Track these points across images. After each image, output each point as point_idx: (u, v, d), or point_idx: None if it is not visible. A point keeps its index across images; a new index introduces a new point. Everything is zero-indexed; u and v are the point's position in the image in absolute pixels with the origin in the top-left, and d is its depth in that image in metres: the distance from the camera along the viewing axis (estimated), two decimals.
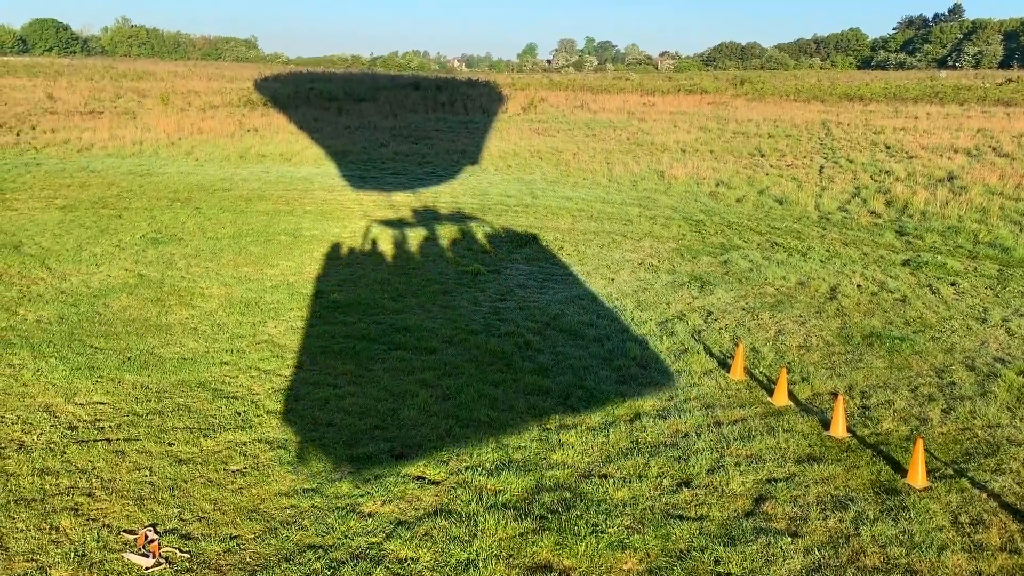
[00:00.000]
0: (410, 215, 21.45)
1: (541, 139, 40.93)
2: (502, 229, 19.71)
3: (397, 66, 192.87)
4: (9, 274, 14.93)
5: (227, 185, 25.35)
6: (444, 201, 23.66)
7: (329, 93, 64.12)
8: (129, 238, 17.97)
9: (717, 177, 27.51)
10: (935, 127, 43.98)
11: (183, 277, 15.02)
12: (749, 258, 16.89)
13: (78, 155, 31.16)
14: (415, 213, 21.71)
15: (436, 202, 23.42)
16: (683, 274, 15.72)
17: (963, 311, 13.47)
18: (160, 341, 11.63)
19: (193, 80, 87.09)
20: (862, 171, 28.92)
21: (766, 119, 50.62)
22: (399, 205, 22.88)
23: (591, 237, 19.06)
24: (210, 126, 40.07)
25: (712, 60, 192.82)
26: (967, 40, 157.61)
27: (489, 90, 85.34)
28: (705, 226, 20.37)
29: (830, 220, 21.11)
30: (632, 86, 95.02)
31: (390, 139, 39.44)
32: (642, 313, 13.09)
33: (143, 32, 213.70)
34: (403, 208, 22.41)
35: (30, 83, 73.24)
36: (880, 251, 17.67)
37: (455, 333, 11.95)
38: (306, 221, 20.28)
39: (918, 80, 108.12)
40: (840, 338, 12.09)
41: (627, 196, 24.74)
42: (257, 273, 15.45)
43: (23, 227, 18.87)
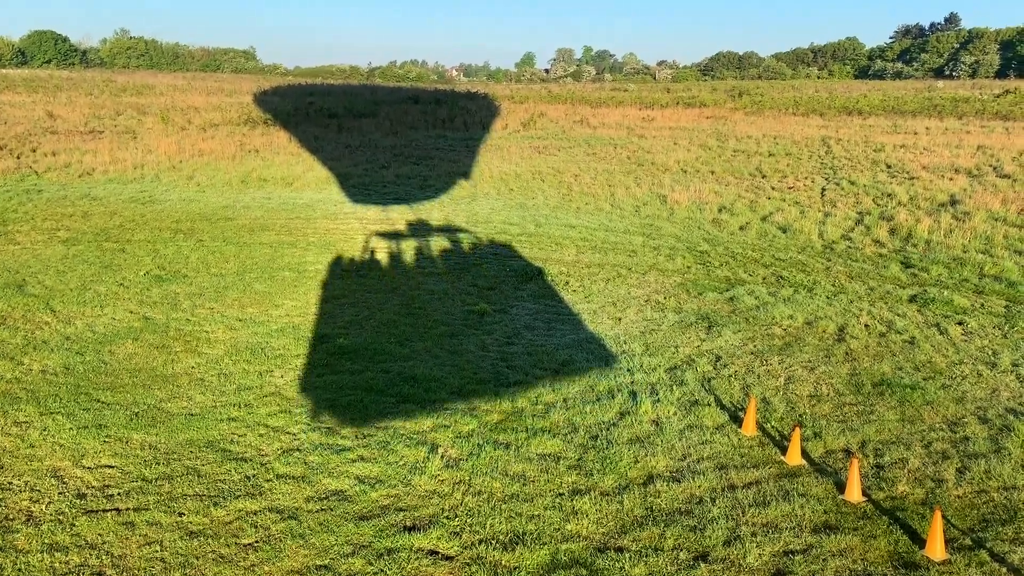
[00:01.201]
0: (413, 246, 21.40)
1: (542, 158, 40.94)
2: (506, 261, 19.66)
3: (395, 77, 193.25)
4: (13, 317, 14.86)
5: (229, 213, 25.29)
6: (448, 229, 23.61)
7: (329, 109, 64.15)
8: (133, 275, 17.90)
9: (719, 202, 27.49)
10: (935, 144, 44.03)
11: (188, 320, 14.95)
12: (755, 294, 16.84)
13: (79, 180, 31.12)
14: (418, 243, 21.66)
15: (439, 230, 23.37)
16: (690, 313, 15.67)
17: (972, 354, 13.42)
18: (167, 394, 11.56)
19: (192, 95, 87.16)
20: (864, 194, 28.93)
21: (766, 135, 50.66)
22: (401, 235, 22.83)
23: (596, 271, 19.01)
24: (211, 147, 40.04)
25: (709, 70, 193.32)
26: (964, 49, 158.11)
27: (488, 103, 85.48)
28: (709, 257, 20.32)
29: (834, 250, 21.07)
30: (631, 98, 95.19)
31: (391, 159, 39.44)
32: (651, 359, 13.03)
33: (142, 44, 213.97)
34: (405, 238, 22.35)
35: (29, 99, 73.29)
36: (886, 285, 17.63)
37: (464, 383, 11.88)
38: (310, 254, 20.22)
39: (916, 91, 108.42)
40: (850, 386, 12.03)
41: (630, 223, 24.70)
42: (262, 314, 15.39)
43: (26, 263, 18.79)
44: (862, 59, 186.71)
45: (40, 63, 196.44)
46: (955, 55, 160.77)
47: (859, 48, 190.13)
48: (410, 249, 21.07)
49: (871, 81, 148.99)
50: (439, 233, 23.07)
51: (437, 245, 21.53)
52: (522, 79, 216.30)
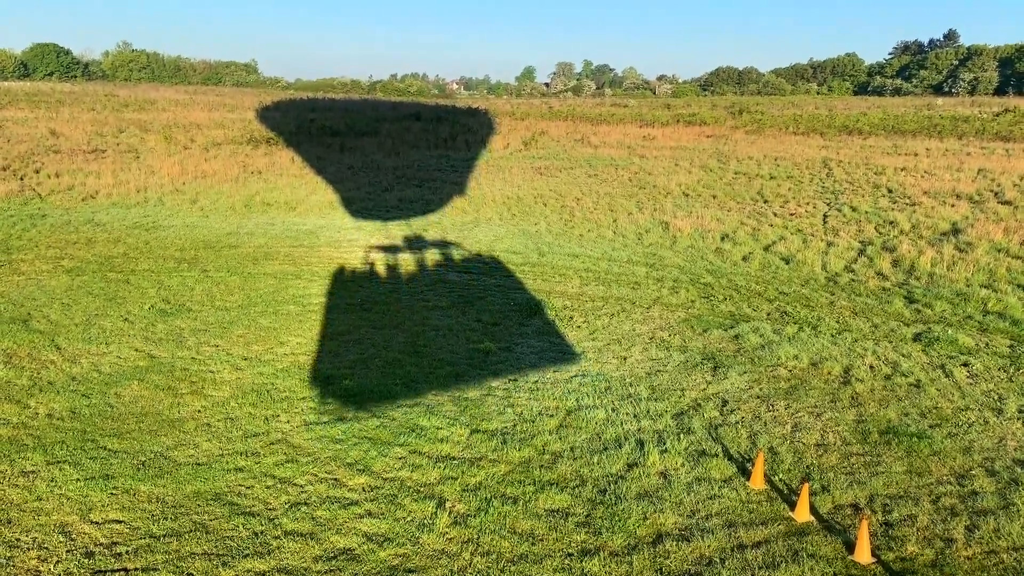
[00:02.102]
0: (416, 276, 21.43)
1: (543, 180, 41.05)
2: (510, 293, 19.69)
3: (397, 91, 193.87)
4: (19, 356, 14.86)
5: (233, 241, 25.33)
6: (451, 258, 23.66)
7: (331, 127, 64.35)
8: (137, 309, 17.91)
9: (722, 229, 27.55)
10: (935, 166, 44.15)
11: (194, 358, 14.95)
12: (760, 332, 16.85)
13: (83, 204, 31.17)
14: (421, 273, 21.69)
15: (442, 259, 23.42)
16: (695, 352, 15.68)
17: (978, 399, 13.42)
18: (173, 440, 11.55)
19: (194, 110, 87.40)
20: (866, 221, 29.00)
21: (767, 156, 50.84)
22: (406, 263, 22.86)
23: (600, 304, 19.03)
24: (214, 168, 40.14)
25: (709, 85, 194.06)
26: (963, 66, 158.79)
27: (489, 120, 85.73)
28: (713, 290, 20.35)
29: (837, 283, 21.10)
30: (631, 115, 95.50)
31: (394, 182, 39.54)
32: (657, 404, 13.03)
33: (143, 56, 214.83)
34: (409, 268, 22.38)
35: (32, 115, 73.48)
36: (890, 322, 17.65)
37: (468, 434, 11.87)
38: (314, 286, 20.25)
39: (915, 108, 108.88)
40: (857, 434, 12.03)
41: (633, 252, 24.74)
42: (267, 352, 15.40)
43: (31, 295, 18.81)
44: (861, 75, 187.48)
45: (42, 75, 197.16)
46: (954, 72, 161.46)
47: (858, 64, 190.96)
48: (413, 280, 21.09)
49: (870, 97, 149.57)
50: (442, 263, 23.10)
51: (440, 276, 21.55)
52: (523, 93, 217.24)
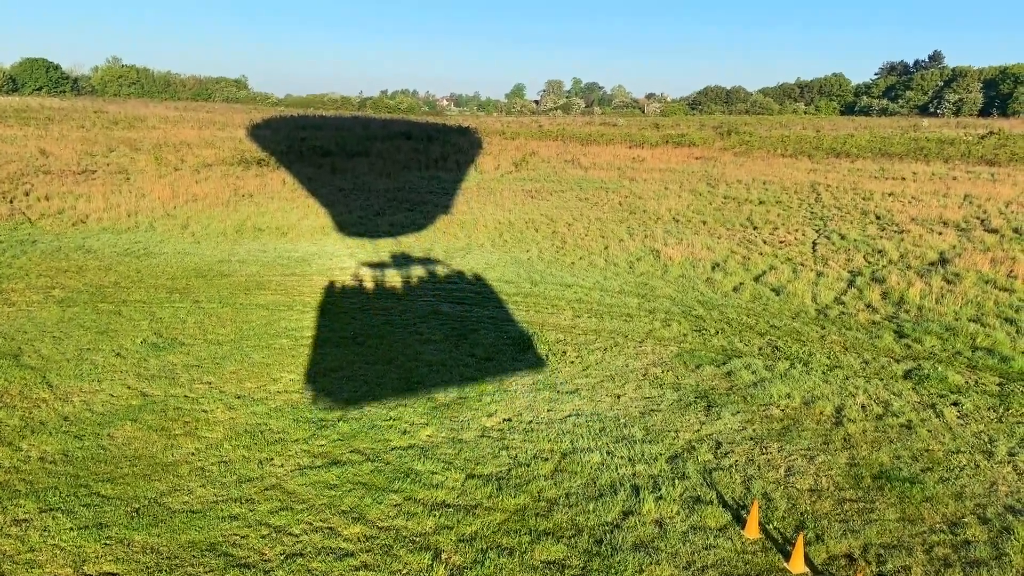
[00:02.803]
0: (409, 307, 21.44)
1: (535, 204, 41.21)
2: (503, 325, 19.73)
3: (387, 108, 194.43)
4: (11, 393, 14.78)
5: (225, 269, 25.30)
6: (444, 288, 23.69)
7: (322, 147, 64.40)
8: (129, 343, 17.84)
9: (712, 258, 27.71)
10: (922, 191, 44.59)
11: (187, 397, 14.91)
12: (752, 368, 16.94)
13: (73, 229, 31.07)
14: (414, 304, 21.70)
15: (434, 288, 23.45)
16: (688, 390, 15.75)
17: (969, 441, 13.53)
18: (167, 486, 11.50)
19: (184, 128, 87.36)
20: (855, 249, 29.23)
21: (755, 179, 51.20)
22: (397, 294, 22.88)
23: (593, 338, 19.09)
24: (205, 191, 40.10)
25: (698, 104, 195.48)
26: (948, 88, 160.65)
27: (480, 140, 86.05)
28: (705, 323, 20.45)
29: (828, 316, 21.24)
30: (620, 135, 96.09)
31: (385, 205, 39.60)
32: (651, 447, 13.07)
33: (133, 72, 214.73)
34: (401, 298, 22.40)
35: (21, 132, 73.28)
36: (880, 358, 17.78)
37: (464, 479, 11.87)
38: (306, 318, 20.23)
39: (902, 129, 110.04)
40: (850, 479, 12.10)
41: (625, 282, 24.85)
42: (260, 390, 15.37)
43: (22, 328, 18.72)
44: (848, 95, 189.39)
45: (31, 90, 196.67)
46: (939, 93, 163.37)
47: (845, 84, 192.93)
48: (406, 311, 21.09)
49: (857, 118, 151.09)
50: (435, 292, 23.13)
51: (433, 307, 21.56)
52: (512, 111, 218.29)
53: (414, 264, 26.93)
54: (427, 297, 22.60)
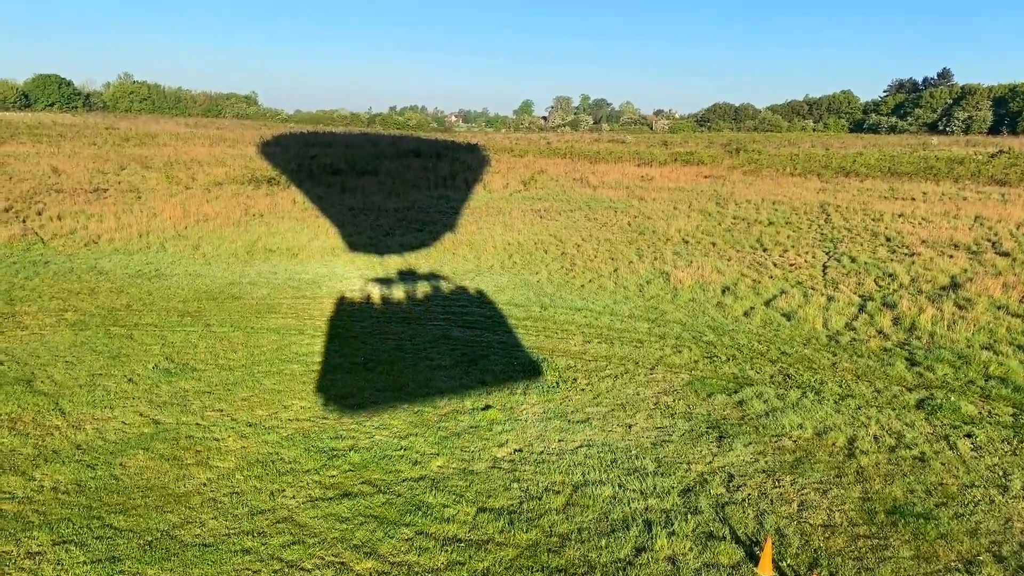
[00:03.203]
0: (419, 332, 21.47)
1: (543, 224, 41.28)
2: (513, 351, 19.73)
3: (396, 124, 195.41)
4: (24, 421, 14.84)
5: (236, 291, 25.40)
6: (453, 311, 23.73)
7: (332, 165, 64.71)
8: (141, 369, 17.91)
9: (722, 281, 27.68)
10: (933, 213, 44.47)
11: (198, 424, 14.94)
12: (764, 397, 16.89)
13: (85, 250, 31.27)
14: (424, 329, 21.73)
15: (444, 312, 23.48)
16: (700, 419, 15.71)
17: (983, 474, 13.44)
18: (180, 518, 11.52)
19: (195, 145, 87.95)
20: (865, 273, 29.16)
21: (765, 199, 51.18)
22: (408, 318, 22.91)
23: (603, 364, 19.07)
24: (215, 211, 40.32)
25: (706, 121, 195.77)
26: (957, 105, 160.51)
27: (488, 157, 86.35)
28: (716, 349, 20.41)
29: (839, 342, 21.18)
30: (629, 153, 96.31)
31: (394, 225, 39.74)
32: (663, 480, 13.03)
33: (144, 88, 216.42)
34: (411, 322, 22.44)
35: (34, 150, 73.89)
36: (892, 387, 17.70)
37: (477, 510, 11.85)
38: (317, 343, 20.28)
39: (911, 148, 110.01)
40: (864, 514, 12.03)
41: (635, 306, 24.83)
42: (272, 417, 15.39)
43: (35, 352, 18.82)
44: (857, 112, 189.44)
45: (43, 106, 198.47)
46: (948, 111, 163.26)
47: (854, 101, 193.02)
48: (416, 336, 21.12)
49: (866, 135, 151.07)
50: (444, 316, 23.16)
51: (443, 331, 21.59)
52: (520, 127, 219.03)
53: (424, 287, 26.99)
54: (437, 321, 22.62)
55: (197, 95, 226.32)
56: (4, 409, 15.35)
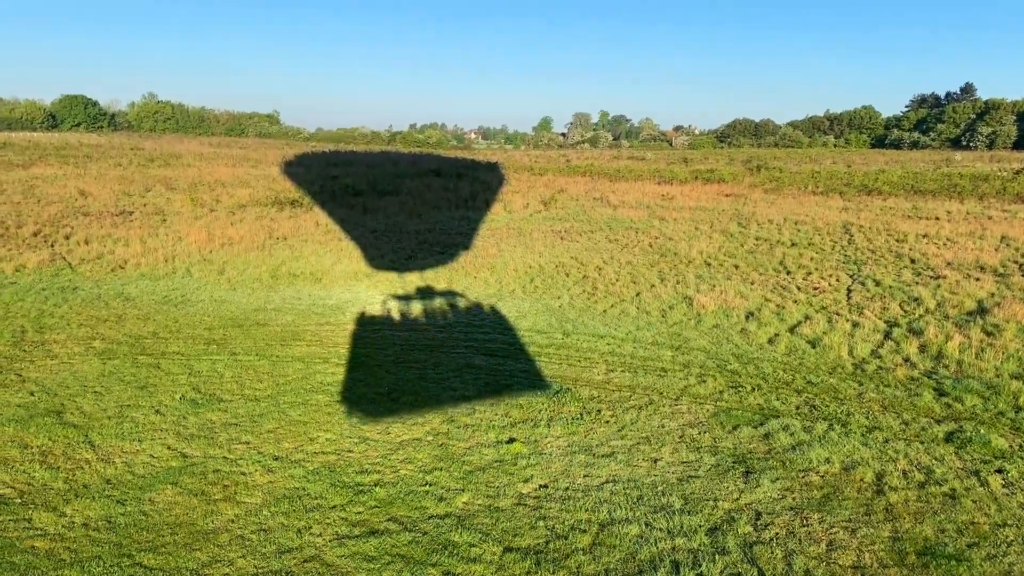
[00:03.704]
0: (442, 361, 21.52)
1: (564, 246, 41.33)
2: (537, 381, 19.74)
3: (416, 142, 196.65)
4: (55, 454, 15.03)
5: (261, 318, 25.62)
6: (476, 338, 23.78)
7: (353, 186, 65.20)
8: (168, 399, 18.09)
9: (746, 306, 27.56)
10: (957, 233, 44.09)
11: (226, 458, 15.06)
12: (790, 430, 16.77)
13: (112, 276, 31.68)
14: (448, 357, 21.79)
15: (466, 339, 23.53)
16: (726, 454, 15.62)
17: (1015, 513, 13.26)
18: (208, 556, 11.60)
19: (218, 165, 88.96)
20: (890, 297, 28.91)
21: (786, 219, 50.95)
22: (431, 346, 22.98)
23: (627, 395, 19.03)
24: (240, 234, 40.73)
25: (726, 137, 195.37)
26: (980, 120, 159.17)
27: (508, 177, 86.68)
28: (740, 379, 20.31)
29: (865, 371, 20.99)
30: (649, 171, 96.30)
31: (416, 248, 39.94)
32: (690, 518, 12.96)
33: (169, 108, 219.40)
34: (435, 350, 22.50)
35: (61, 172, 75.06)
36: (920, 419, 17.51)
37: (501, 552, 11.84)
38: (342, 372, 20.39)
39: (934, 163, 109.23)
40: (894, 555, 11.90)
41: (658, 332, 24.77)
42: (298, 451, 15.49)
43: (64, 383, 19.07)
44: (879, 128, 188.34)
45: (70, 126, 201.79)
46: (972, 126, 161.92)
47: (875, 117, 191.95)
48: (439, 364, 21.18)
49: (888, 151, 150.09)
50: (467, 343, 23.21)
51: (466, 360, 21.64)
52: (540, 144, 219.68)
53: (446, 312, 27.08)
54: (460, 349, 22.67)
55: (220, 114, 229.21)
56: (36, 442, 15.56)
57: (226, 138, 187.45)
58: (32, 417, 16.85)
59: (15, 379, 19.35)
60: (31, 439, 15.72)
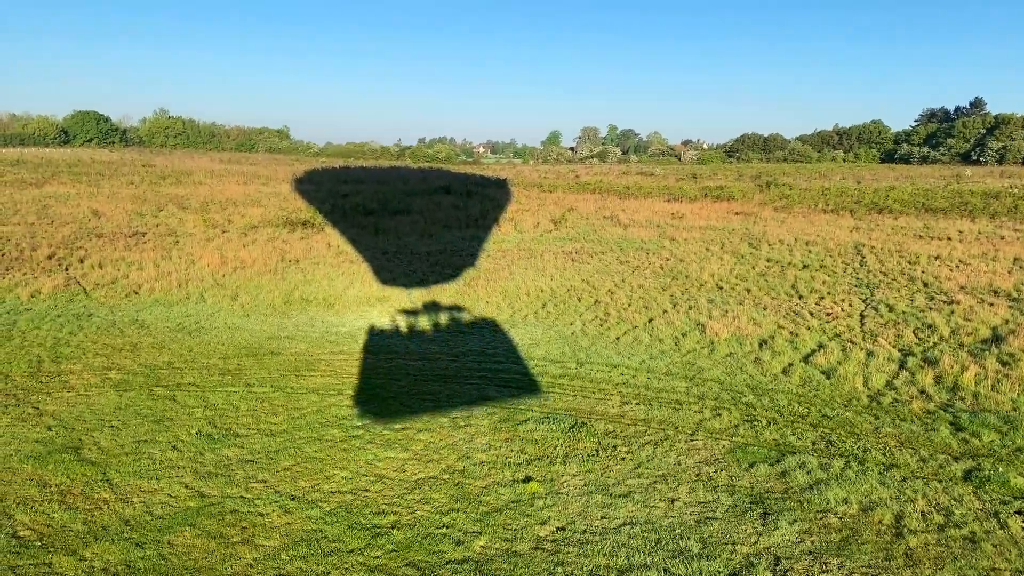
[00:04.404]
0: (456, 392, 21.55)
1: (576, 268, 41.39)
2: (552, 414, 19.74)
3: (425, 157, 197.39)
4: (73, 493, 15.10)
5: (274, 346, 25.72)
6: (489, 368, 23.80)
7: (364, 205, 65.51)
8: (185, 435, 18.16)
9: (759, 334, 27.52)
10: (969, 254, 43.95)
11: (243, 498, 15.10)
12: (807, 467, 16.71)
13: (126, 301, 31.86)
14: (461, 389, 21.82)
15: (480, 369, 23.54)
16: (743, 493, 15.57)
17: None
18: None
19: (229, 183, 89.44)
20: (904, 323, 28.82)
21: (797, 239, 50.92)
22: (445, 376, 23.00)
23: (642, 429, 19.00)
24: (252, 257, 40.93)
25: (735, 151, 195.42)
26: (990, 135, 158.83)
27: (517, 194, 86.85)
28: (755, 412, 20.26)
29: (880, 404, 20.91)
30: (658, 188, 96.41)
31: (428, 271, 40.08)
32: (709, 563, 12.92)
33: (179, 123, 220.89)
34: (448, 382, 22.53)
35: (74, 190, 75.59)
36: (938, 456, 17.43)
37: None
38: (356, 405, 20.43)
39: (944, 179, 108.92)
40: None
41: (671, 361, 24.75)
42: (314, 490, 15.51)
43: (81, 416, 19.17)
44: (888, 142, 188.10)
45: (82, 142, 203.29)
46: (982, 140, 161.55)
47: (884, 131, 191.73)
48: (453, 396, 21.21)
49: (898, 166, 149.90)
50: (481, 373, 23.23)
51: (481, 391, 21.66)
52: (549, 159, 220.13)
53: (458, 340, 27.11)
54: (473, 380, 22.69)
55: (230, 129, 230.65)
56: (54, 480, 15.64)
57: (236, 154, 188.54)
58: (50, 453, 16.94)
59: (32, 412, 19.47)
60: (50, 477, 15.80)
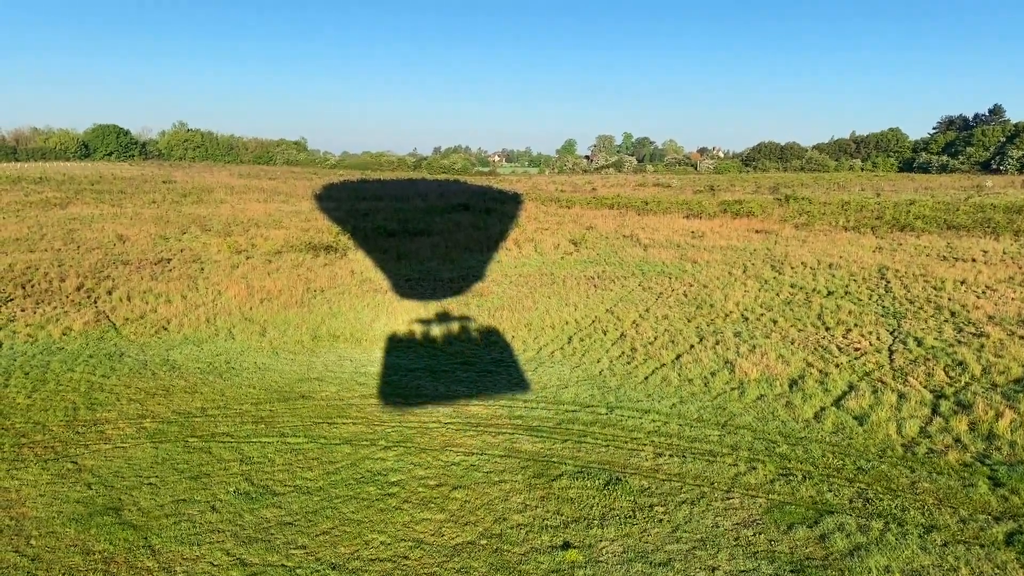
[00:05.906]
0: (488, 443, 21.60)
1: (598, 295, 41.40)
2: (587, 469, 19.74)
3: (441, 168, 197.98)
4: (117, 562, 15.26)
5: (304, 389, 25.88)
6: (520, 416, 23.83)
7: (385, 227, 65.80)
8: (223, 493, 18.30)
9: (789, 373, 27.41)
10: (996, 279, 43.59)
11: (283, 565, 15.21)
12: (845, 530, 16.64)
13: (156, 339, 32.16)
14: (495, 440, 21.85)
15: (511, 416, 23.57)
16: (783, 560, 15.52)
17: None
18: None
19: (250, 201, 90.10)
20: (934, 360, 28.60)
21: (820, 261, 50.70)
22: (480, 423, 23.05)
23: (678, 486, 18.97)
24: (278, 286, 41.21)
25: (751, 160, 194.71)
26: (1010, 143, 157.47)
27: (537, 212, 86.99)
28: (790, 465, 20.18)
29: (915, 454, 20.78)
30: (676, 202, 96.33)
31: (452, 299, 40.18)
32: None
33: (198, 136, 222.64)
34: (481, 431, 22.57)
35: (98, 211, 76.40)
36: (978, 516, 17.29)
37: None
38: (390, 458, 20.52)
39: (964, 190, 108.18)
40: None
41: (702, 405, 24.69)
42: (354, 557, 15.60)
43: (119, 472, 19.37)
44: (906, 151, 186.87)
45: (102, 155, 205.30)
46: (1002, 148, 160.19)
47: (903, 139, 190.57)
48: (486, 449, 21.25)
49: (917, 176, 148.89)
50: (512, 422, 23.26)
51: (512, 441, 21.70)
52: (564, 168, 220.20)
53: (486, 381, 27.16)
54: (506, 429, 22.72)
55: (248, 142, 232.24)
56: (97, 547, 15.81)
57: (255, 167, 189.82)
58: (91, 515, 17.12)
59: (71, 468, 19.69)
60: (93, 543, 15.97)
